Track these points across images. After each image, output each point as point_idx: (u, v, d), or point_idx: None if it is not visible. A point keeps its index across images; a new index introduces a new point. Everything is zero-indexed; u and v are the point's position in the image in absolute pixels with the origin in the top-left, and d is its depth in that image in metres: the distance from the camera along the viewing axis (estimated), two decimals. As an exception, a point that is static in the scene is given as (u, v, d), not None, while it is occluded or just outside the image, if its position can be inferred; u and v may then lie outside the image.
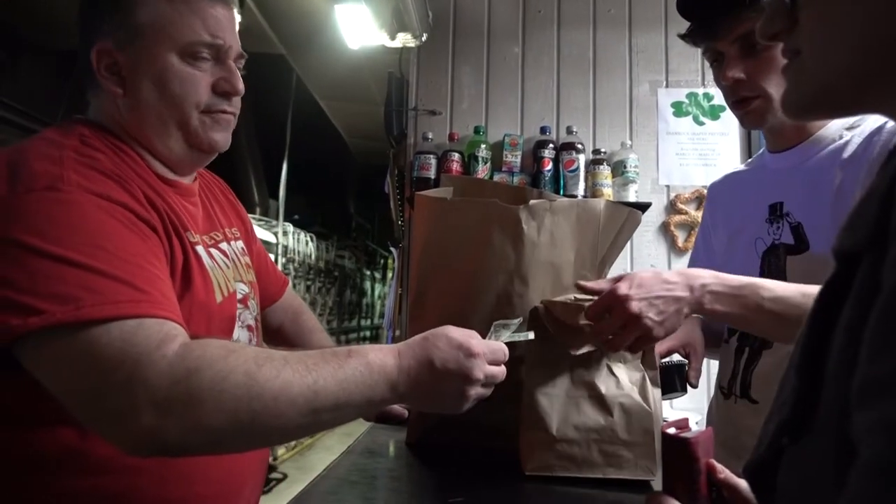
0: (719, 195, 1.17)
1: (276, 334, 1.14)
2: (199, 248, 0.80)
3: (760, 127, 1.02)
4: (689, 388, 1.04)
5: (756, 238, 1.02)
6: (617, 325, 0.82)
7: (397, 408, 1.15)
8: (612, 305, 0.81)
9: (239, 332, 0.85)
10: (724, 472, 0.60)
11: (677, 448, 0.60)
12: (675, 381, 1.01)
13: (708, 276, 0.82)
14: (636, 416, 0.86)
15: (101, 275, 0.61)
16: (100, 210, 0.66)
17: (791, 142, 1.00)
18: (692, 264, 1.23)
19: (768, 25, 0.43)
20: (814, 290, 0.77)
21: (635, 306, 0.80)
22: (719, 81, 0.99)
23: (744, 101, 0.96)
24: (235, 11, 0.85)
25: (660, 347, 1.00)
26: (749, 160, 1.18)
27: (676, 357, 1.05)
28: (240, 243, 0.95)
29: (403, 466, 0.98)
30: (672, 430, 0.61)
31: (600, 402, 0.87)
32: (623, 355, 0.90)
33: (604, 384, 0.88)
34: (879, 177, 0.34)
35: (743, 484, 0.59)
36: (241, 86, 0.83)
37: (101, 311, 0.59)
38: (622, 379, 0.88)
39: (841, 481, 0.27)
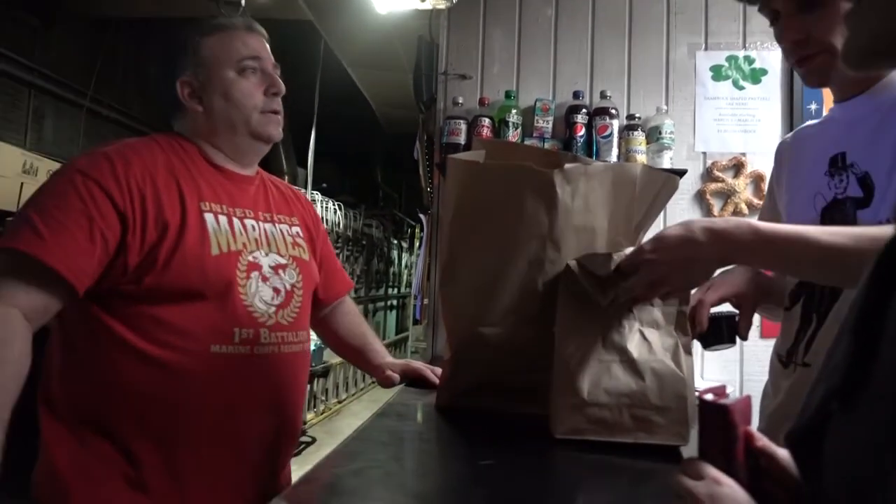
0: (785, 152, 1.10)
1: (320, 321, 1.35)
2: (208, 215, 1.04)
3: (826, 84, 0.96)
4: (737, 340, 0.99)
5: (815, 194, 0.95)
6: (644, 284, 0.83)
7: (428, 372, 1.17)
8: (639, 265, 0.82)
9: (261, 286, 1.07)
10: (762, 439, 0.59)
11: (715, 414, 0.58)
12: (723, 331, 0.96)
13: (745, 234, 0.78)
14: (669, 382, 0.85)
15: (29, 225, 0.91)
16: (71, 183, 0.95)
17: (856, 88, 0.93)
18: None
19: None
20: (864, 231, 0.73)
21: (660, 269, 0.81)
22: (779, 40, 0.94)
23: (806, 59, 0.91)
24: (263, 40, 1.14)
25: (710, 297, 0.99)
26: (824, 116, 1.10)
27: (727, 307, 1.01)
28: (296, 228, 1.20)
29: (433, 429, 0.99)
30: (709, 397, 0.60)
31: (632, 366, 0.86)
32: (656, 321, 0.89)
33: (636, 349, 0.87)
34: None
35: (782, 453, 0.57)
36: (283, 87, 1.12)
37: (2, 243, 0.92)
38: (655, 344, 0.87)
39: None
